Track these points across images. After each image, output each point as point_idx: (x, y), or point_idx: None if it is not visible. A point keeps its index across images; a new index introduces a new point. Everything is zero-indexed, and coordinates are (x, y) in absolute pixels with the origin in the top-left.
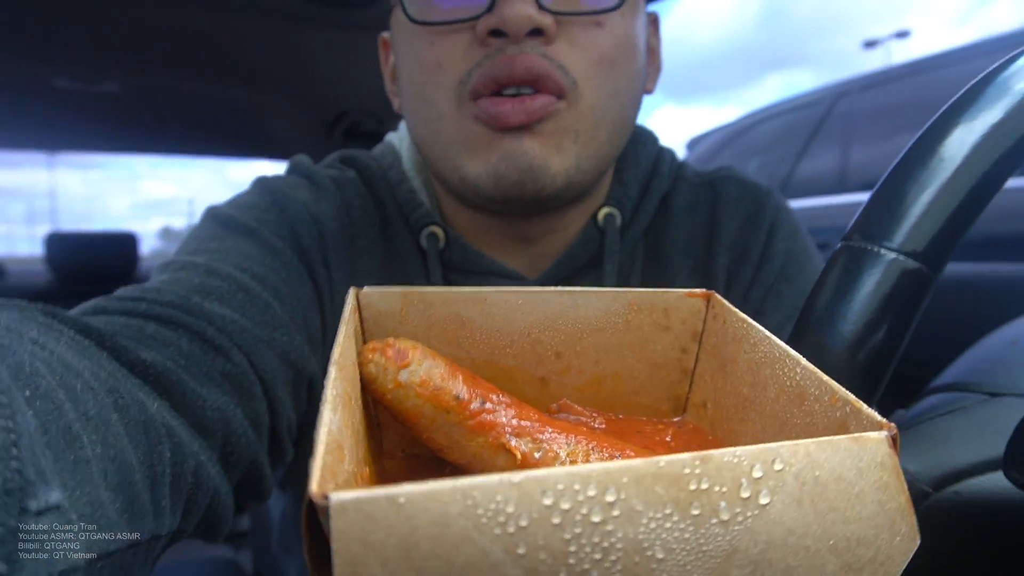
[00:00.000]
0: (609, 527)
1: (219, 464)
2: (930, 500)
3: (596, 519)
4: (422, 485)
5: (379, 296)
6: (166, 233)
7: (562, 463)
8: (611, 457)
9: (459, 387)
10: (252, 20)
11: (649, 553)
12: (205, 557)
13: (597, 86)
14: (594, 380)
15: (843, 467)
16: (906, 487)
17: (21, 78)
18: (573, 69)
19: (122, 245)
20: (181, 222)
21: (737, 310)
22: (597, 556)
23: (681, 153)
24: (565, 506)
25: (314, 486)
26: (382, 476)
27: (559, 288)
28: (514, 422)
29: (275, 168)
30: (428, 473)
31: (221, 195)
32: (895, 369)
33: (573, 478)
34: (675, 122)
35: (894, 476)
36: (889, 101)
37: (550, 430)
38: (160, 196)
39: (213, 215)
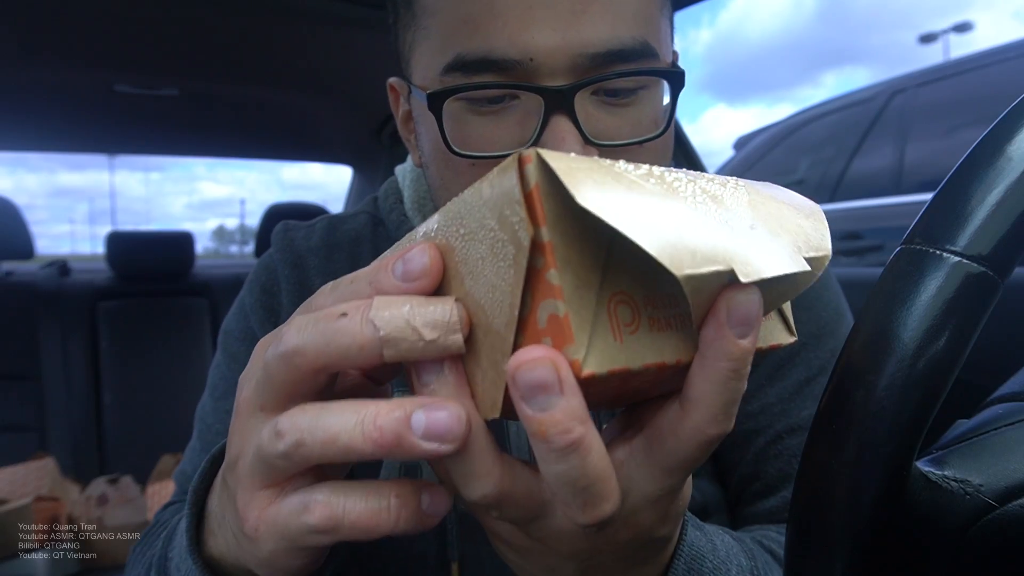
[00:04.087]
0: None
1: None
2: (995, 514)
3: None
4: None
5: None
6: (220, 233)
7: None
8: None
9: None
10: (304, 25)
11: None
12: None
13: None
14: None
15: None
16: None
17: (84, 84)
18: None
19: (179, 244)
20: (233, 222)
21: None
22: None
23: (728, 154)
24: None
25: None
26: None
27: None
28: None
29: (326, 170)
30: None
31: (273, 196)
32: (957, 376)
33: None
34: (726, 124)
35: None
36: (950, 97)
37: None
38: (214, 197)
39: (222, 338)
